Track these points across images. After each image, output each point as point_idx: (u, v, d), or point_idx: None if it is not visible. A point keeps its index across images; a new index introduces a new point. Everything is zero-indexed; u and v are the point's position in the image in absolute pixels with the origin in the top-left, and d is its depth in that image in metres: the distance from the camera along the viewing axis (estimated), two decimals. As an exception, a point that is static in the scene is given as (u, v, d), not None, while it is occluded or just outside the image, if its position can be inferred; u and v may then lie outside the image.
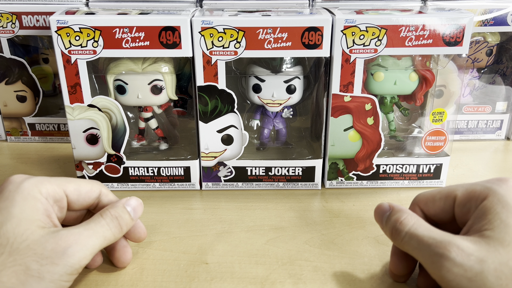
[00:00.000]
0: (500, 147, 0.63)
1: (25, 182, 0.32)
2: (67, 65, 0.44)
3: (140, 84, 0.46)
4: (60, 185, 0.33)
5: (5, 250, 0.28)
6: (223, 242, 0.40)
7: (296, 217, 0.44)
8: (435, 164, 0.49)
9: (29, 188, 0.31)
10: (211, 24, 0.42)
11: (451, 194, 0.32)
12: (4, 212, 0.30)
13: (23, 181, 0.32)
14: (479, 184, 0.31)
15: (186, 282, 0.35)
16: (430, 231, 0.30)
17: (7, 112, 0.63)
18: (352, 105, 0.46)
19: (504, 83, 0.63)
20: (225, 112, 0.46)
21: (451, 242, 0.28)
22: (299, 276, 0.35)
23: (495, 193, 0.29)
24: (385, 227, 0.33)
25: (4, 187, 0.32)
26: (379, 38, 0.43)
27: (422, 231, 0.30)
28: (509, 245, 0.27)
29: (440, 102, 0.50)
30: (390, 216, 0.32)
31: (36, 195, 0.31)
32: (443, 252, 0.28)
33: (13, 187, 0.31)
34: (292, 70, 0.47)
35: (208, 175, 0.49)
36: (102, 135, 0.47)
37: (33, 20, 0.57)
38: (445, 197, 0.33)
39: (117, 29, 0.42)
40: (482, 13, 0.57)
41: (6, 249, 0.28)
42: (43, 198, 0.32)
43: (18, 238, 0.29)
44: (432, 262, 0.28)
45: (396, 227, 0.31)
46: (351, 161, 0.49)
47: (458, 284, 0.27)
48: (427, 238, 0.29)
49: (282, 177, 0.49)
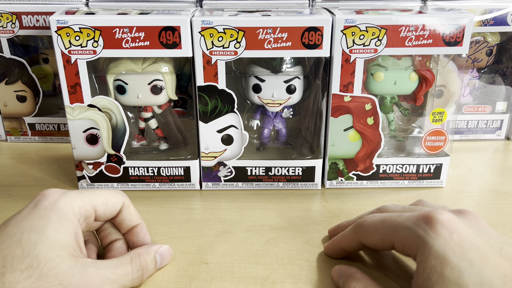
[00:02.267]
0: (500, 147, 0.63)
1: (60, 200, 0.31)
2: (67, 65, 0.44)
3: (140, 84, 0.46)
4: (90, 202, 0.33)
5: (34, 273, 0.27)
6: (223, 242, 0.40)
7: (296, 217, 0.44)
8: (435, 164, 0.49)
9: (65, 208, 0.31)
10: (211, 24, 0.42)
11: (387, 238, 0.31)
12: (39, 232, 0.29)
13: (59, 199, 0.31)
14: (412, 231, 0.29)
15: (186, 282, 0.35)
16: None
17: (7, 112, 0.63)
18: (352, 105, 0.46)
19: (504, 83, 0.63)
20: (225, 112, 0.46)
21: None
22: (299, 276, 0.35)
23: (425, 244, 0.28)
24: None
25: (38, 202, 0.31)
26: (379, 38, 0.43)
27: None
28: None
29: (440, 102, 0.50)
30: (343, 283, 0.33)
31: (70, 217, 0.31)
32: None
33: (48, 204, 0.31)
34: (292, 70, 0.47)
35: (208, 175, 0.49)
36: (102, 135, 0.47)
37: (33, 20, 0.57)
38: (381, 239, 0.32)
39: (117, 29, 0.42)
40: (482, 13, 0.57)
41: (36, 272, 0.27)
42: (76, 219, 0.31)
43: (49, 263, 0.28)
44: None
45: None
46: (351, 161, 0.49)
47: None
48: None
49: (282, 177, 0.49)
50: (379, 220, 0.32)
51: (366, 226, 0.33)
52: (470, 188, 0.50)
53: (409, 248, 0.29)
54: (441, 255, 0.27)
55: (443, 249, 0.27)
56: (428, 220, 0.29)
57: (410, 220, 0.30)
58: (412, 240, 0.29)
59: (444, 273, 0.26)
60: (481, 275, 0.26)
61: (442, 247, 0.27)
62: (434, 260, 0.27)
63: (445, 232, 0.28)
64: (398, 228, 0.30)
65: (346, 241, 0.35)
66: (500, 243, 0.28)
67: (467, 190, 0.50)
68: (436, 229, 0.28)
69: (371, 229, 0.33)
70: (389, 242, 0.31)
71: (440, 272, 0.27)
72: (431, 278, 0.27)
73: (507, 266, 0.26)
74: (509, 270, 0.26)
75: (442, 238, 0.27)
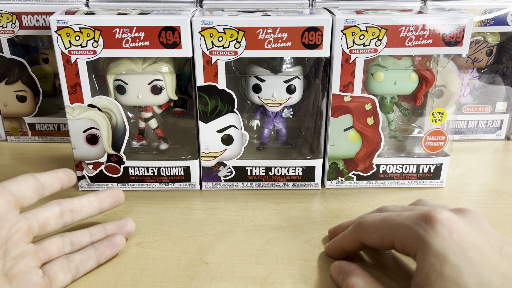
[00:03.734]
0: (500, 147, 0.63)
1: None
2: (67, 65, 0.44)
3: (140, 84, 0.46)
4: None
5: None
6: (223, 242, 0.40)
7: (296, 217, 0.44)
8: (435, 164, 0.49)
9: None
10: (211, 24, 0.42)
11: (388, 237, 0.31)
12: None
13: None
14: (412, 229, 0.29)
15: (186, 282, 0.35)
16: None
17: (7, 112, 0.63)
18: (352, 105, 0.46)
19: (504, 83, 0.63)
20: (225, 112, 0.46)
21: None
22: (299, 276, 0.35)
23: (425, 243, 0.28)
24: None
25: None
26: (379, 38, 0.43)
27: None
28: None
29: (440, 102, 0.50)
30: (342, 279, 0.33)
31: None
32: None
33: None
34: (292, 70, 0.47)
35: (208, 175, 0.49)
36: (102, 135, 0.47)
37: (33, 20, 0.57)
38: (381, 238, 0.32)
39: (117, 29, 0.42)
40: (482, 13, 0.57)
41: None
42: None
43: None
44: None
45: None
46: (351, 161, 0.49)
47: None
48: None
49: (282, 177, 0.49)
50: (379, 220, 0.32)
51: (366, 225, 0.33)
52: (470, 188, 0.50)
53: (409, 247, 0.29)
54: (440, 253, 0.27)
55: (443, 248, 0.27)
56: (428, 219, 0.29)
57: (410, 219, 0.30)
58: (412, 239, 0.29)
59: (443, 271, 0.26)
60: (480, 274, 0.26)
61: (441, 245, 0.27)
62: (434, 259, 0.27)
63: (445, 231, 0.28)
64: (398, 227, 0.30)
65: (347, 241, 0.35)
66: (500, 242, 0.28)
67: (467, 190, 0.50)
68: (435, 228, 0.28)
69: (371, 228, 0.33)
70: (389, 241, 0.31)
71: (440, 271, 0.27)
72: (430, 276, 0.27)
73: (506, 265, 0.26)
74: (509, 269, 0.26)
75: (441, 237, 0.27)
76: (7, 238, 0.31)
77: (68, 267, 0.34)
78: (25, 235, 0.32)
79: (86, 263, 0.35)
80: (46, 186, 0.35)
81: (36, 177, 0.34)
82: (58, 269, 0.33)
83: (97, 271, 0.36)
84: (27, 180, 0.34)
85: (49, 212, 0.35)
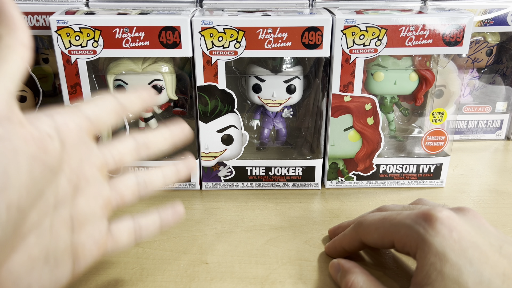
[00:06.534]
0: (500, 147, 0.63)
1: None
2: (67, 65, 0.44)
3: (140, 84, 0.46)
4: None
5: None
6: (223, 242, 0.40)
7: (296, 217, 0.44)
8: (435, 164, 0.49)
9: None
10: (211, 24, 0.42)
11: (388, 236, 0.31)
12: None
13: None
14: (411, 228, 0.29)
15: (186, 282, 0.35)
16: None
17: (7, 112, 0.63)
18: (352, 105, 0.46)
19: (504, 83, 0.63)
20: (225, 112, 0.46)
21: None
22: (299, 276, 0.35)
23: (425, 242, 0.28)
24: (340, 286, 0.33)
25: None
26: (379, 38, 0.43)
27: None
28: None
29: (440, 102, 0.50)
30: (341, 277, 0.33)
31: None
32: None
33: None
34: (292, 70, 0.47)
35: (208, 175, 0.49)
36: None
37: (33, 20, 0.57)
38: (381, 237, 0.32)
39: (117, 29, 0.42)
40: (482, 13, 0.57)
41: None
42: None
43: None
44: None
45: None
46: (351, 161, 0.49)
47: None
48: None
49: (282, 177, 0.49)
50: (379, 219, 0.32)
51: (366, 224, 0.33)
52: (470, 188, 0.50)
53: (409, 246, 0.29)
54: (440, 252, 0.27)
55: (443, 247, 0.27)
56: (428, 217, 0.29)
57: (410, 218, 0.30)
58: (412, 237, 0.29)
59: (443, 270, 0.26)
60: (480, 273, 0.26)
61: (441, 244, 0.27)
62: (434, 258, 0.27)
63: (445, 230, 0.28)
64: (398, 226, 0.30)
65: (347, 240, 0.35)
66: (500, 241, 0.28)
67: (467, 190, 0.50)
68: (435, 227, 0.28)
69: (371, 228, 0.33)
70: (389, 240, 0.31)
71: (440, 270, 0.27)
72: (430, 275, 0.27)
73: (506, 264, 0.27)
74: (508, 268, 0.26)
75: (441, 236, 0.27)
76: (78, 173, 0.26)
77: (133, 229, 0.31)
78: (98, 172, 0.28)
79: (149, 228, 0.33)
80: (127, 106, 0.30)
81: (116, 97, 0.30)
82: (124, 230, 0.31)
83: (97, 271, 0.36)
84: (105, 101, 0.29)
85: (124, 146, 0.31)
